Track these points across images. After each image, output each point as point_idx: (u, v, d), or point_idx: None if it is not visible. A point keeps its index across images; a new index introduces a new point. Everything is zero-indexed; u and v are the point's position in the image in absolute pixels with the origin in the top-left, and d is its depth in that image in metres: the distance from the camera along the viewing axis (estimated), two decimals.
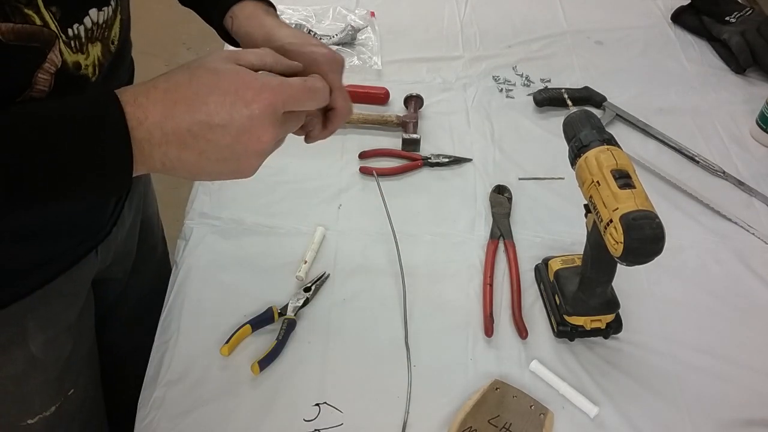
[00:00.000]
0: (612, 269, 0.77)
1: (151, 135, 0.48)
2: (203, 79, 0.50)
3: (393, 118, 1.10)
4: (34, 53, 0.52)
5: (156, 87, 0.49)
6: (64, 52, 0.55)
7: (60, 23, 0.53)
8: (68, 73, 0.56)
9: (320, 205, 0.98)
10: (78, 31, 0.56)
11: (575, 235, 0.92)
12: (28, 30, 0.50)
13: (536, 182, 1.04)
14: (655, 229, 0.66)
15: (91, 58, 0.59)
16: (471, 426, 0.73)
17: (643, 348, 0.84)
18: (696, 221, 1.00)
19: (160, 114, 0.48)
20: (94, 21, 0.58)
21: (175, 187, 2.13)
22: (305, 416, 0.75)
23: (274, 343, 0.79)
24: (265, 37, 0.68)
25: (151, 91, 0.49)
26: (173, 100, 0.48)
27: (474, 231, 0.96)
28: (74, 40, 0.56)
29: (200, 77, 0.50)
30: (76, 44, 0.56)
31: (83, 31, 0.57)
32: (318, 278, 0.88)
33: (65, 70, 0.55)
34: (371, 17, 1.32)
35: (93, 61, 0.59)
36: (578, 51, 1.31)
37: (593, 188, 0.71)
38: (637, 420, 0.76)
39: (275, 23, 0.70)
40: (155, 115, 0.48)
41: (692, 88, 1.24)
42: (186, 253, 0.90)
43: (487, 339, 0.83)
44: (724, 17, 1.31)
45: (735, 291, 0.91)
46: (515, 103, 1.18)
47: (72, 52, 0.56)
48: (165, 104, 0.48)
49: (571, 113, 0.79)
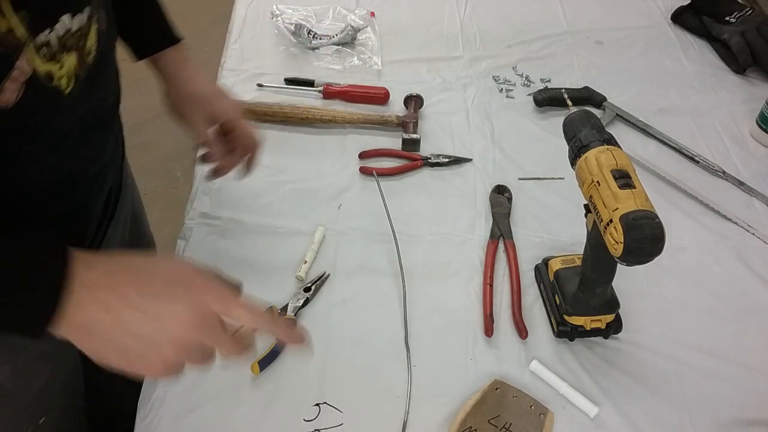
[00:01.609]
0: (612, 269, 0.77)
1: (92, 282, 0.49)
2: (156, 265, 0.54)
3: (393, 118, 1.10)
4: (0, 60, 0.49)
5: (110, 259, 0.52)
6: (34, 60, 0.52)
7: (30, 28, 0.51)
8: (39, 83, 0.53)
9: (320, 205, 0.98)
10: (49, 38, 0.53)
11: (575, 235, 0.92)
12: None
13: (536, 182, 1.04)
14: (655, 229, 0.66)
15: (65, 68, 0.56)
16: (471, 426, 0.73)
17: (643, 348, 0.84)
18: (696, 221, 1.00)
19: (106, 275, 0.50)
20: (67, 27, 0.55)
21: (175, 187, 2.13)
22: (305, 416, 0.75)
23: (274, 343, 0.79)
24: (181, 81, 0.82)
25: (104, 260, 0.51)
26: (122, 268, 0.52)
27: (474, 231, 0.96)
28: (45, 47, 0.53)
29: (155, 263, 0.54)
30: (48, 52, 0.54)
31: (55, 39, 0.54)
32: (318, 278, 0.88)
33: (35, 80, 0.53)
34: (371, 17, 1.32)
35: (67, 72, 0.56)
36: (578, 51, 1.31)
37: (593, 188, 0.71)
38: (637, 420, 0.76)
39: (194, 73, 0.83)
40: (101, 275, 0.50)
41: (692, 88, 1.24)
42: (186, 253, 0.90)
43: (487, 339, 0.83)
44: (724, 17, 1.31)
45: (735, 291, 0.91)
46: (515, 103, 1.18)
47: (43, 61, 0.53)
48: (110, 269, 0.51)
49: (571, 113, 0.79)
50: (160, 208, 1.10)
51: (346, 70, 1.22)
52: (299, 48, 1.25)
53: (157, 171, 2.18)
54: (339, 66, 1.22)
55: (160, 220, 2.11)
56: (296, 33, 1.24)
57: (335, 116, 1.10)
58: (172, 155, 2.21)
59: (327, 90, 1.15)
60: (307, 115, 1.09)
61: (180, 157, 2.18)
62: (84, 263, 0.49)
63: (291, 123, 1.10)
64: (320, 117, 1.09)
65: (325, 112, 1.10)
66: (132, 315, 0.50)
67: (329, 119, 1.10)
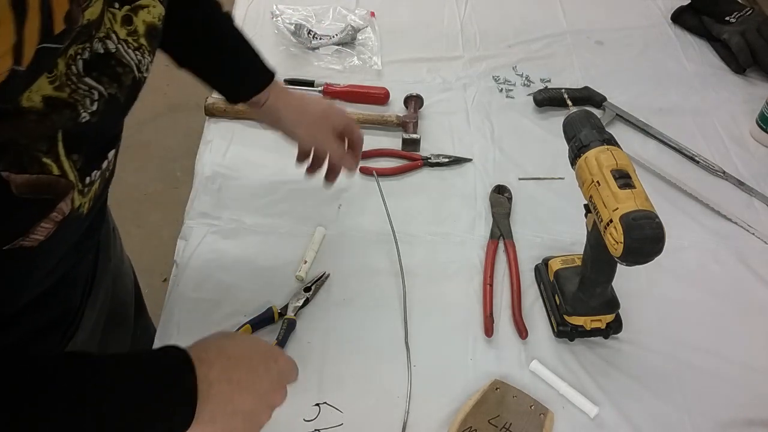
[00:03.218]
0: (612, 269, 0.77)
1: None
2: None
3: (393, 118, 1.10)
4: (43, 205, 0.46)
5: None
6: (75, 200, 0.49)
7: (79, 172, 0.48)
8: (69, 216, 0.50)
9: (320, 205, 0.98)
10: (94, 177, 0.52)
11: (575, 235, 0.92)
12: (44, 181, 0.45)
13: (536, 182, 1.04)
14: (655, 229, 0.66)
15: (89, 195, 0.53)
16: (471, 426, 0.73)
17: (643, 348, 0.84)
18: (696, 221, 1.00)
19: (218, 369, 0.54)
20: (109, 161, 0.55)
21: (175, 187, 2.13)
22: (305, 416, 0.75)
23: (274, 343, 0.79)
24: (297, 108, 0.86)
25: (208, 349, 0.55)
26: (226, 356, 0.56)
27: (474, 231, 0.96)
28: (88, 186, 0.51)
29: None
30: (87, 190, 0.51)
31: (98, 176, 0.53)
32: (318, 278, 0.88)
33: (67, 215, 0.50)
34: (371, 17, 1.32)
35: (90, 198, 0.53)
36: (578, 51, 1.31)
37: (593, 188, 0.71)
38: (637, 420, 0.76)
39: (299, 96, 0.88)
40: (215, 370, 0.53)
41: (692, 88, 1.24)
42: (186, 253, 0.90)
43: (487, 339, 0.83)
44: (724, 17, 1.31)
45: (735, 291, 0.91)
46: (515, 103, 1.18)
47: (80, 197, 0.50)
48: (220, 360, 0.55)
49: (571, 113, 0.79)
50: (160, 208, 1.10)
51: (346, 70, 1.22)
52: (299, 48, 1.25)
53: (157, 171, 2.18)
54: (339, 66, 1.22)
55: (160, 220, 2.11)
56: (296, 33, 1.24)
57: None
58: (172, 155, 2.21)
59: (327, 90, 1.15)
60: None
61: (180, 157, 2.18)
62: (202, 362, 0.52)
63: None
64: None
65: None
66: (244, 398, 0.55)
67: None
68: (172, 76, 0.87)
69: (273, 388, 0.58)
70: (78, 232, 0.61)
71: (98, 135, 0.51)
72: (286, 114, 0.85)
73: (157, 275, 1.76)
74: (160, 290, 0.91)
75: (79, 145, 0.47)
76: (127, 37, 0.51)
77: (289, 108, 0.85)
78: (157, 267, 1.80)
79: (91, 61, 0.47)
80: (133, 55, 0.52)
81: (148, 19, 0.54)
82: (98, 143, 0.52)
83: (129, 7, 0.52)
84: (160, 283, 1.72)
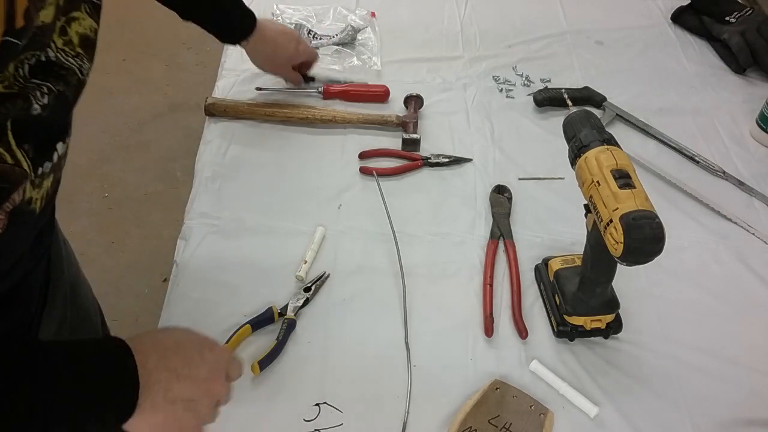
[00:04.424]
0: (612, 269, 0.77)
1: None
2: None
3: (393, 118, 1.10)
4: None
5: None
6: (27, 191, 0.51)
7: (32, 161, 0.50)
8: (20, 209, 0.51)
9: (320, 205, 0.98)
10: (46, 168, 0.53)
11: (575, 235, 0.92)
12: None
13: (536, 182, 1.04)
14: (655, 229, 0.66)
15: (42, 191, 0.54)
16: (471, 426, 0.73)
17: (643, 348, 0.84)
18: (696, 221, 1.00)
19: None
20: (59, 155, 0.55)
21: (175, 187, 2.13)
22: (305, 416, 0.75)
23: (274, 343, 0.79)
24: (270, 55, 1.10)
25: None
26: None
27: (474, 231, 0.96)
28: (39, 177, 0.52)
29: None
30: (39, 181, 0.53)
31: (50, 168, 0.54)
32: (318, 278, 0.88)
33: (18, 207, 0.51)
34: (371, 17, 1.32)
35: (43, 195, 0.55)
36: (578, 51, 1.31)
37: (593, 188, 0.71)
38: (637, 420, 0.76)
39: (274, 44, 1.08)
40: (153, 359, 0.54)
41: (692, 88, 1.24)
42: (186, 253, 0.90)
43: (487, 339, 0.83)
44: (724, 17, 1.31)
45: (735, 291, 0.91)
46: (515, 103, 1.18)
47: (30, 189, 0.52)
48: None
49: (571, 113, 0.79)
50: (160, 208, 1.11)
51: (346, 70, 1.22)
52: None
53: (157, 171, 2.18)
54: (339, 66, 1.22)
55: (160, 220, 2.11)
56: None
57: (335, 116, 1.10)
58: (172, 155, 2.21)
59: (327, 90, 1.15)
60: (307, 115, 1.09)
61: (180, 157, 2.18)
62: (138, 352, 0.53)
63: (291, 123, 1.10)
64: (320, 117, 1.09)
65: (324, 112, 1.10)
66: (183, 386, 0.55)
67: (329, 119, 1.10)
68: (172, 76, 0.88)
69: (211, 376, 0.58)
70: (32, 233, 0.62)
71: (47, 126, 0.52)
72: (255, 57, 1.09)
73: (157, 275, 1.76)
74: (160, 290, 0.91)
75: (27, 135, 0.49)
76: (64, 46, 0.53)
77: (262, 54, 1.08)
78: (157, 267, 1.80)
79: (36, 66, 0.49)
80: (73, 61, 0.54)
81: (80, 31, 0.55)
82: (47, 134, 0.53)
83: (65, 18, 0.53)
84: (160, 283, 1.73)
